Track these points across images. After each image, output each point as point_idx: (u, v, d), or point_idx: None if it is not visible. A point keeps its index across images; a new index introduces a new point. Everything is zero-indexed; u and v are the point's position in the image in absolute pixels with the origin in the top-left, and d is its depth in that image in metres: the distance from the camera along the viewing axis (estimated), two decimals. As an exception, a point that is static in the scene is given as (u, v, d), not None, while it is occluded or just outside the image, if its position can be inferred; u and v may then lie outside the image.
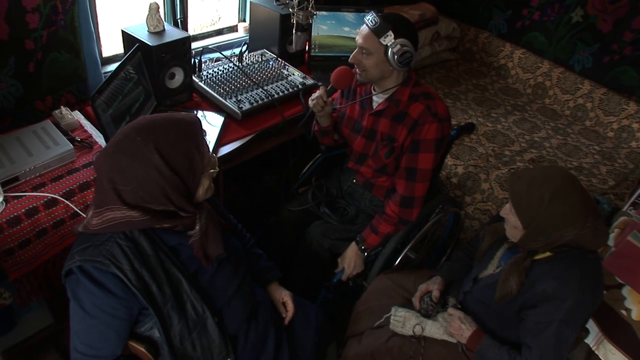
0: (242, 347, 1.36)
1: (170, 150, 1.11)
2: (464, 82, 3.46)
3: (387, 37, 1.61)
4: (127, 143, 1.10)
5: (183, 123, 1.16)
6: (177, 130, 1.13)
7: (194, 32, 2.62)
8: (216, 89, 2.13)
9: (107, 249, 1.12)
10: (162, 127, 1.13)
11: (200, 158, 1.16)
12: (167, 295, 1.19)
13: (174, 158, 1.11)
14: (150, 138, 1.10)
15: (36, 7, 1.72)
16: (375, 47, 1.64)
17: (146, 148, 1.09)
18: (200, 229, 1.23)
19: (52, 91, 1.96)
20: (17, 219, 1.46)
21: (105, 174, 1.11)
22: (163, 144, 1.10)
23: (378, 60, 1.66)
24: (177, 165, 1.12)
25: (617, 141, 3.01)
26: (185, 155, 1.13)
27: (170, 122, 1.15)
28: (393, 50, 1.61)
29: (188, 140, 1.14)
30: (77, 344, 1.16)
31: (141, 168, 1.09)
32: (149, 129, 1.12)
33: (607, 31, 3.03)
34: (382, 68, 1.68)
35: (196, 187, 1.19)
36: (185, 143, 1.14)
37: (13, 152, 1.61)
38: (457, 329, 1.52)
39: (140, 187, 1.10)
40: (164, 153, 1.10)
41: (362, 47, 1.67)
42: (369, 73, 1.71)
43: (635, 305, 1.72)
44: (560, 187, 1.30)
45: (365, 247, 1.89)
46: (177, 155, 1.12)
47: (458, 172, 2.61)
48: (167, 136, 1.11)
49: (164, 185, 1.10)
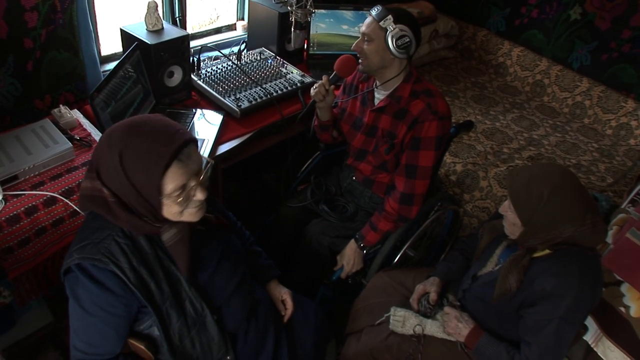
0: (241, 345, 1.37)
1: (131, 160, 1.05)
2: (462, 80, 3.46)
3: (387, 21, 1.64)
4: (107, 134, 1.09)
5: (160, 141, 1.06)
6: (148, 144, 1.05)
7: (192, 30, 2.62)
8: (215, 87, 2.13)
9: (105, 246, 1.12)
10: (137, 135, 1.06)
11: (157, 181, 1.06)
12: (166, 293, 1.19)
13: (133, 170, 1.05)
14: (121, 142, 1.05)
15: (35, 6, 1.72)
16: (375, 33, 1.67)
17: (114, 145, 1.05)
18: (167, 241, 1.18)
19: (51, 90, 1.95)
20: (17, 218, 1.46)
21: (95, 149, 1.11)
22: (127, 153, 1.05)
23: (378, 46, 1.68)
24: (135, 178, 1.06)
25: (616, 139, 3.01)
26: (144, 174, 1.05)
27: (148, 132, 1.06)
28: (392, 34, 1.64)
29: (154, 160, 1.05)
30: (76, 342, 1.16)
31: (109, 159, 1.06)
32: (126, 131, 1.07)
33: (606, 29, 3.03)
34: (383, 55, 1.70)
35: (159, 205, 1.11)
36: (149, 161, 1.05)
37: (12, 150, 1.61)
38: (454, 327, 1.52)
39: (106, 175, 1.08)
40: (125, 161, 1.05)
41: (364, 33, 1.71)
42: (370, 61, 1.73)
43: (634, 302, 1.72)
44: (559, 184, 1.30)
45: (365, 244, 1.89)
46: (136, 168, 1.05)
47: (457, 169, 2.62)
48: (136, 146, 1.05)
49: (120, 186, 1.08)
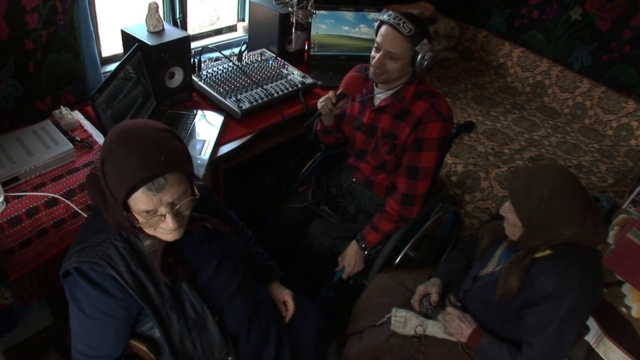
0: (243, 346, 1.37)
1: (110, 169, 1.03)
2: (463, 80, 3.46)
3: (424, 46, 1.60)
4: (115, 128, 1.07)
5: (142, 161, 1.01)
6: (131, 159, 1.01)
7: (193, 31, 2.61)
8: (216, 89, 2.13)
9: (103, 250, 1.12)
10: (126, 146, 1.02)
11: (121, 199, 1.02)
12: (165, 295, 1.19)
13: (111, 181, 1.03)
14: (112, 143, 1.03)
15: (35, 7, 1.72)
16: (404, 53, 1.63)
17: (106, 143, 1.05)
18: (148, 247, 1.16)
19: (51, 91, 1.95)
20: (18, 219, 1.46)
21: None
22: (109, 160, 1.03)
23: (404, 64, 1.66)
24: (111, 187, 1.04)
25: (616, 139, 3.02)
26: (120, 186, 1.02)
27: (134, 151, 1.02)
28: (424, 56, 1.61)
29: (130, 176, 1.00)
30: (77, 344, 1.17)
31: (101, 153, 1.05)
32: (123, 136, 1.04)
33: (606, 29, 3.03)
34: (404, 71, 1.69)
35: (131, 216, 1.08)
36: (126, 176, 1.01)
37: (13, 152, 1.61)
38: (457, 327, 1.52)
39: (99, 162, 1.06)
40: (105, 168, 1.03)
41: (390, 52, 1.64)
42: (390, 75, 1.70)
43: (635, 302, 1.72)
44: (560, 184, 1.30)
45: (366, 245, 1.89)
46: (113, 179, 1.03)
47: (458, 170, 2.62)
48: (120, 158, 1.01)
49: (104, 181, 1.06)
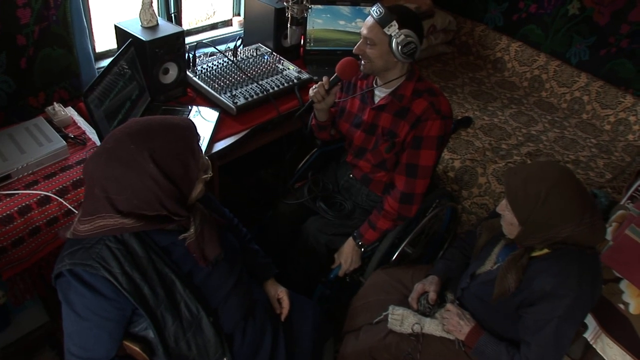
0: (239, 345, 1.36)
1: (165, 158, 1.08)
2: (460, 75, 3.45)
3: (391, 27, 1.60)
4: (120, 151, 1.07)
5: (178, 129, 1.13)
6: (172, 137, 1.11)
7: (188, 26, 2.59)
8: (211, 84, 2.11)
9: (96, 252, 1.11)
10: (157, 134, 1.09)
11: (196, 164, 1.15)
12: (160, 296, 1.18)
13: (170, 166, 1.09)
14: (145, 146, 1.07)
15: (27, 2, 1.69)
16: (379, 38, 1.63)
17: (141, 156, 1.06)
18: (195, 230, 1.21)
19: (44, 87, 1.93)
20: (10, 218, 1.44)
21: (98, 181, 1.08)
22: (158, 152, 1.07)
23: (382, 51, 1.65)
24: (173, 173, 1.10)
25: (614, 134, 3.01)
26: (181, 163, 1.11)
27: (165, 127, 1.11)
28: (397, 40, 1.60)
29: (184, 147, 1.12)
30: (70, 346, 1.15)
31: (136, 177, 1.07)
32: (144, 136, 1.08)
33: (604, 24, 3.01)
34: (386, 59, 1.67)
35: (190, 192, 1.18)
36: (181, 150, 1.11)
37: (5, 149, 1.59)
38: (456, 325, 1.52)
39: (135, 196, 1.08)
40: (160, 162, 1.07)
41: (366, 37, 1.66)
42: (373, 64, 1.70)
43: (633, 299, 1.72)
44: (557, 183, 1.29)
45: (363, 242, 1.88)
46: (172, 163, 1.09)
47: (455, 166, 2.61)
48: (163, 144, 1.09)
49: (159, 193, 1.09)
